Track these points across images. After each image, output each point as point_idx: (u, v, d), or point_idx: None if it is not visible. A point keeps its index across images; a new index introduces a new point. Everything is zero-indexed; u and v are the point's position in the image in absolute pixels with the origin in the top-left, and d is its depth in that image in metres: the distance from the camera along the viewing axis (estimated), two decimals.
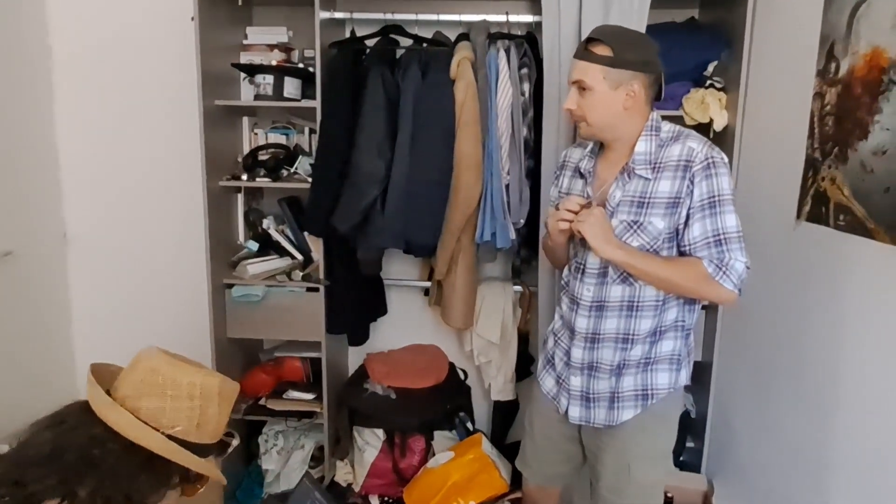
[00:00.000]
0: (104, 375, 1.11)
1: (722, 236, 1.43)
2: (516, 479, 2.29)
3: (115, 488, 0.97)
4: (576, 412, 1.65)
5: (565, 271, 1.70)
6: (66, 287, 2.74)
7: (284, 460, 2.55)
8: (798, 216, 1.63)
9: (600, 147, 1.62)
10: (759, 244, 1.92)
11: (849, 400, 1.42)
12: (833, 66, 1.49)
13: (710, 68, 2.20)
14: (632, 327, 1.56)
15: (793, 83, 1.70)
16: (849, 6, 1.43)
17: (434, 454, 2.46)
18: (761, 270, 1.91)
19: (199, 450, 1.07)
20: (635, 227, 1.49)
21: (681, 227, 1.47)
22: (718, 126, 2.11)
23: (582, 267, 1.60)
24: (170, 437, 1.03)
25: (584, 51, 1.48)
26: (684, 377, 1.62)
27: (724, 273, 1.43)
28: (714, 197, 1.43)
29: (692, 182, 1.43)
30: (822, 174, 1.52)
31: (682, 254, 1.50)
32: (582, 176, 1.63)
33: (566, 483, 1.91)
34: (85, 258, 2.74)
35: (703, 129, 2.17)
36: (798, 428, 1.65)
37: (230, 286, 2.43)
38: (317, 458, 2.59)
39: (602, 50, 1.45)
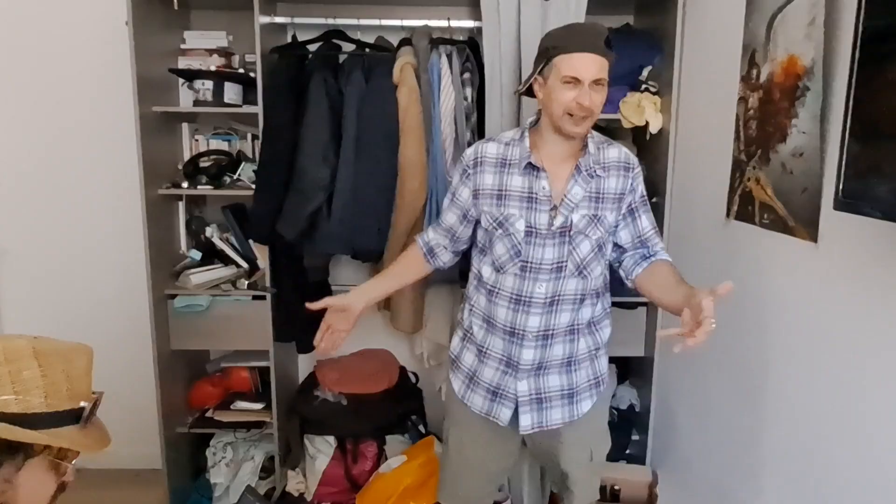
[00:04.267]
0: None
1: (657, 229, 1.69)
2: None
3: None
4: (527, 420, 1.62)
5: (492, 275, 1.63)
6: None
7: (234, 473, 2.50)
8: (728, 215, 1.71)
9: (531, 141, 1.59)
10: (694, 241, 2.00)
11: (777, 388, 1.50)
12: (754, 72, 1.57)
13: (645, 73, 2.27)
14: (578, 318, 1.62)
15: (720, 88, 1.78)
16: (767, 15, 1.51)
17: (387, 459, 2.46)
18: (695, 266, 1.99)
19: (36, 421, 0.95)
20: (596, 220, 1.59)
21: (620, 220, 1.64)
22: (654, 128, 2.19)
23: (533, 265, 1.57)
24: None
25: (604, 48, 1.47)
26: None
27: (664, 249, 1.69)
28: (645, 195, 1.68)
29: (633, 182, 1.63)
30: (747, 175, 1.60)
31: (617, 245, 1.66)
32: (528, 171, 1.56)
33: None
34: (17, 272, 2.63)
35: (640, 131, 2.25)
36: (733, 417, 1.72)
37: (173, 296, 2.37)
38: (267, 469, 2.55)
39: (609, 45, 1.49)
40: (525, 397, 1.62)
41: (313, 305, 1.63)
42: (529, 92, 1.61)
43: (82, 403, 1.04)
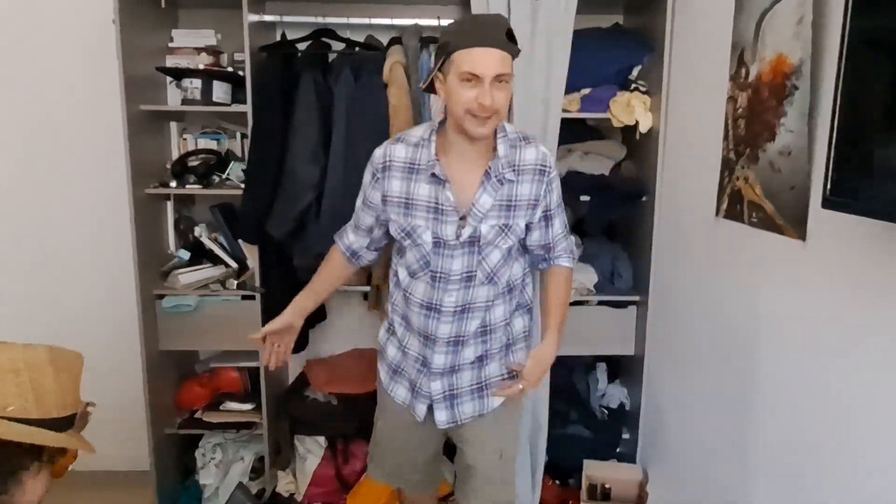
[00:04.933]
0: None
1: (566, 227, 1.67)
2: None
3: None
4: (442, 416, 1.64)
5: (406, 278, 1.60)
6: None
7: (223, 474, 2.49)
8: (717, 213, 1.72)
9: (438, 143, 1.51)
10: (683, 239, 2.01)
11: (766, 386, 1.51)
12: (743, 71, 1.58)
13: (635, 72, 2.28)
14: (489, 319, 1.61)
15: (709, 87, 1.78)
16: (756, 14, 1.52)
17: None
18: (684, 265, 2.01)
19: (50, 425, 1.01)
20: (506, 230, 1.53)
21: (534, 223, 1.58)
22: (644, 128, 2.20)
23: (442, 275, 1.54)
24: (6, 419, 0.97)
25: (506, 41, 1.38)
26: (527, 352, 1.72)
27: (573, 257, 1.70)
28: (561, 198, 1.63)
29: (549, 186, 1.56)
30: (736, 174, 1.60)
31: (524, 246, 1.63)
32: (434, 180, 1.50)
33: (436, 485, 1.95)
34: (3, 272, 2.59)
35: (630, 130, 2.26)
36: (722, 415, 1.73)
37: (161, 297, 2.35)
38: (257, 470, 2.54)
39: (511, 39, 1.39)
40: (439, 395, 1.64)
41: (253, 338, 1.64)
42: (434, 89, 1.49)
43: (87, 408, 1.11)
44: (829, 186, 1.01)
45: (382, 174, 1.55)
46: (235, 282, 2.38)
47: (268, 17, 2.31)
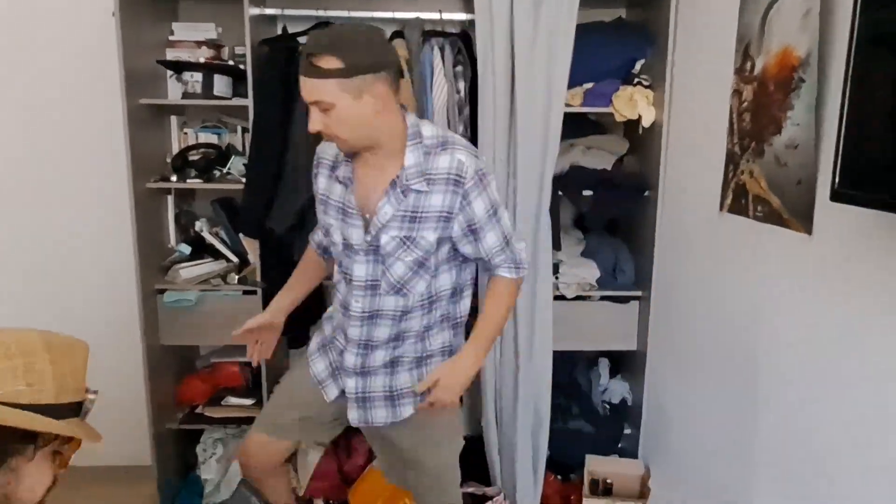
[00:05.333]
0: None
1: (507, 237, 1.51)
2: (464, 475, 2.30)
3: None
4: (354, 415, 1.63)
5: (335, 273, 1.61)
6: None
7: (224, 469, 2.48)
8: (721, 208, 1.71)
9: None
10: (686, 235, 2.01)
11: (769, 381, 1.50)
12: (749, 64, 1.57)
13: (638, 66, 2.27)
14: (402, 329, 1.55)
15: (714, 80, 1.77)
16: (762, 7, 1.51)
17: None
18: (687, 259, 2.00)
19: (46, 411, 0.97)
20: (409, 242, 1.45)
21: (458, 237, 1.47)
22: (647, 122, 2.19)
23: (351, 279, 1.52)
24: None
25: (310, 67, 1.30)
26: None
27: (517, 268, 1.55)
28: (493, 207, 1.47)
29: (466, 198, 1.43)
30: (741, 168, 1.60)
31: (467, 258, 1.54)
32: (341, 181, 1.51)
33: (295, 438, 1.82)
34: (3, 267, 2.58)
35: (633, 125, 2.25)
36: (724, 410, 1.73)
37: (162, 291, 2.34)
38: None
39: (330, 62, 1.29)
40: (352, 394, 1.61)
41: (235, 335, 1.66)
42: None
43: (90, 396, 1.06)
44: (837, 179, 1.01)
45: (315, 170, 1.59)
46: (237, 276, 2.38)
47: (269, 11, 2.30)
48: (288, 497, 1.89)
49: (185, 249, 2.42)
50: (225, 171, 2.36)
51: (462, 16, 2.26)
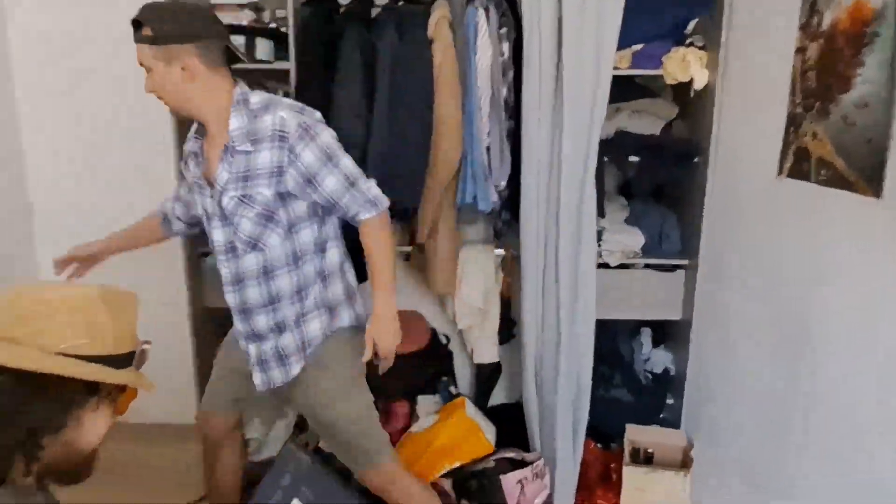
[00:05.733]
0: None
1: (351, 179, 1.57)
2: (500, 441, 2.32)
3: (13, 430, 0.93)
4: (258, 379, 1.72)
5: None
6: (35, 264, 2.65)
7: (268, 429, 2.54)
8: (780, 172, 1.64)
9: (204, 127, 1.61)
10: (738, 201, 1.94)
11: (824, 354, 1.46)
12: (815, 19, 1.49)
13: (691, 26, 2.18)
14: (272, 291, 1.62)
15: (774, 39, 1.69)
16: None
17: (418, 419, 2.47)
18: (739, 227, 1.94)
19: (107, 362, 1.01)
20: (246, 199, 1.55)
21: (298, 190, 1.54)
22: (699, 84, 2.11)
23: (215, 247, 1.64)
24: (63, 355, 0.96)
25: (134, 32, 1.48)
26: (346, 318, 1.72)
27: (372, 204, 1.60)
28: (325, 154, 1.53)
29: (293, 152, 1.51)
30: (803, 130, 1.53)
31: (321, 206, 1.60)
32: (194, 157, 1.65)
33: (241, 409, 1.99)
34: (52, 232, 2.65)
35: (684, 87, 2.17)
36: (772, 384, 1.68)
37: (206, 255, 2.38)
38: (300, 426, 2.58)
39: (145, 30, 1.45)
40: (253, 359, 1.71)
41: (58, 260, 1.87)
42: None
43: (146, 346, 1.09)
44: None
45: (186, 144, 1.73)
46: None
47: None
48: (234, 479, 2.03)
49: None
50: None
51: None
